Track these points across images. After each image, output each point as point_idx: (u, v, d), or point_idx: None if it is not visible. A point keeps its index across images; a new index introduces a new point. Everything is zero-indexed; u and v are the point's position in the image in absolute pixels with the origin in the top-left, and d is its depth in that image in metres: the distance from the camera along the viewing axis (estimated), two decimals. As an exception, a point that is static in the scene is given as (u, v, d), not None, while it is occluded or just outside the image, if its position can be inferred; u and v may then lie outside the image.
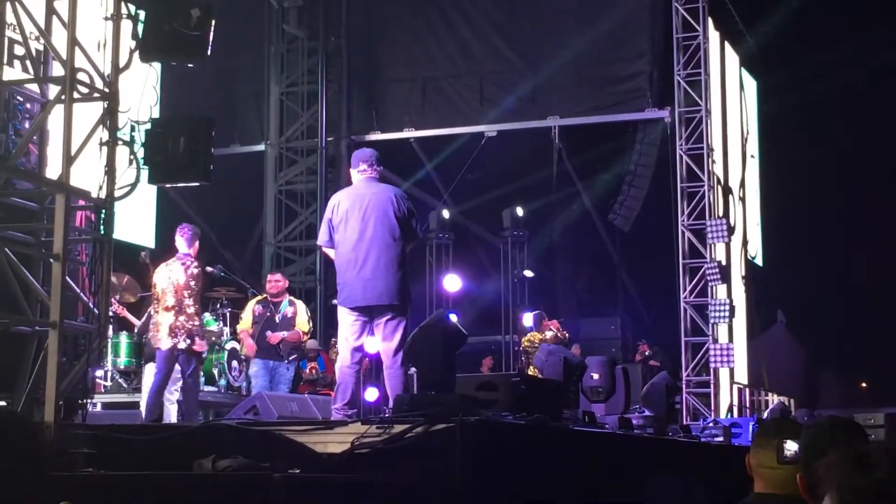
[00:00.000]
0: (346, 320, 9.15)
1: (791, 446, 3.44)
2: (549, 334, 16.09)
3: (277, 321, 13.36)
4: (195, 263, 11.36)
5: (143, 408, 12.50)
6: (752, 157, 22.69)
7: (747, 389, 20.36)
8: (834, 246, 24.46)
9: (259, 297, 13.82)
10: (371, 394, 13.68)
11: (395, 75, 20.70)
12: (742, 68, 21.99)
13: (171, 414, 12.39)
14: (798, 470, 3.18)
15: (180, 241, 11.35)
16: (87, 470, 6.54)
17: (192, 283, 11.20)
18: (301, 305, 13.88)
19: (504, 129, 19.84)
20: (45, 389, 7.34)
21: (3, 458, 1.81)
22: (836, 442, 3.22)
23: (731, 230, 19.03)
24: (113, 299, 13.43)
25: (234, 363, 14.16)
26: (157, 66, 9.43)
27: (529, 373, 15.13)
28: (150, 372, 12.72)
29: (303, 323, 13.60)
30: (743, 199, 21.48)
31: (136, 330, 13.59)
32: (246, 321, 13.58)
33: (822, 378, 25.93)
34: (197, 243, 11.44)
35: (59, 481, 5.43)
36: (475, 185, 20.91)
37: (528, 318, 16.97)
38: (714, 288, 18.55)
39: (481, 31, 20.12)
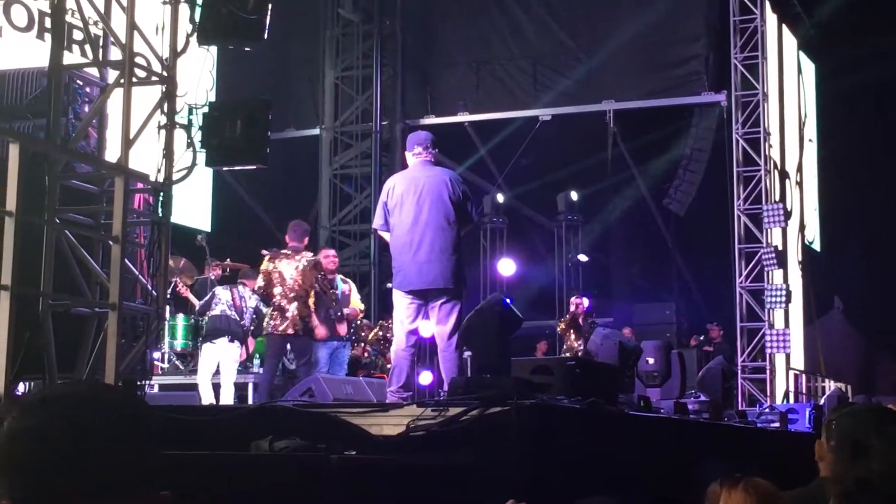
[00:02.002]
0: (402, 304, 9.16)
1: None
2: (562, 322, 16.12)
3: (336, 299, 13.09)
4: (310, 256, 12.23)
5: (202, 389, 12.64)
6: (810, 140, 22.46)
7: (803, 375, 20.19)
8: (892, 231, 24.15)
9: None
10: (425, 377, 13.70)
11: (450, 59, 20.70)
12: (800, 51, 21.75)
13: (228, 398, 12.50)
14: None
15: (293, 236, 12.25)
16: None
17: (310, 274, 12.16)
18: (351, 283, 13.92)
19: (558, 113, 19.78)
20: (105, 370, 7.41)
21: (116, 439, 1.79)
22: (879, 430, 3.18)
23: (787, 215, 18.88)
24: (177, 279, 13.62)
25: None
26: (213, 49, 9.49)
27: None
28: (207, 351, 12.87)
29: (357, 300, 13.64)
30: (800, 184, 21.27)
31: (196, 310, 13.66)
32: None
33: (879, 364, 25.65)
34: (306, 239, 12.36)
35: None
36: (529, 169, 20.87)
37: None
38: (770, 273, 18.42)
39: (536, 15, 20.05)
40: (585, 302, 16.89)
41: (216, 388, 12.71)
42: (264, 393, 12.02)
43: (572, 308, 16.28)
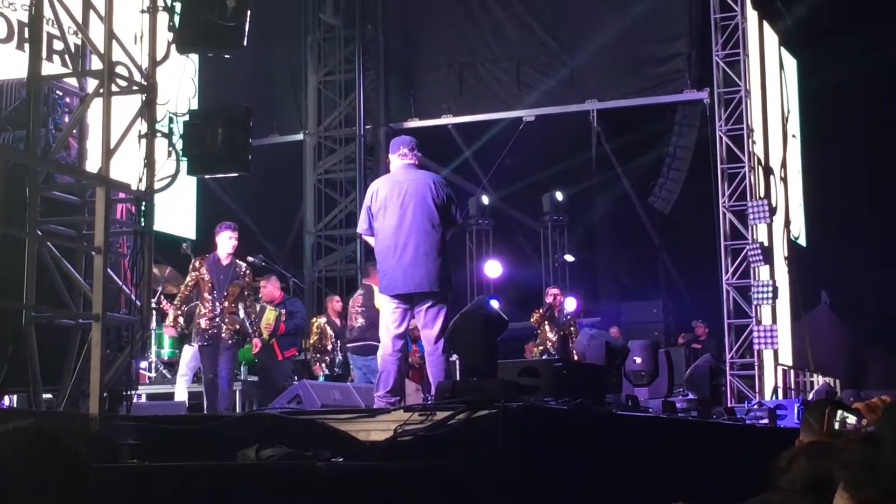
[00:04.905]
0: (388, 308, 9.15)
1: (841, 416, 3.38)
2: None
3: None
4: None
5: (178, 391, 12.65)
6: (794, 136, 22.49)
7: (792, 371, 20.22)
8: (877, 224, 24.21)
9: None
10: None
11: (432, 62, 20.66)
12: (781, 47, 21.78)
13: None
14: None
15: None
16: (132, 461, 6.58)
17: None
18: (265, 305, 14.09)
19: (542, 114, 19.77)
20: (90, 382, 7.38)
21: (32, 481, 1.84)
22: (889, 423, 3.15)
23: (772, 211, 18.91)
24: (161, 296, 13.56)
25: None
26: (194, 57, 9.45)
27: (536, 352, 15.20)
28: (186, 354, 12.88)
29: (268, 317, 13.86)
30: (784, 180, 21.30)
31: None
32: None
33: (868, 358, 25.69)
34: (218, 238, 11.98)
35: (105, 473, 5.46)
36: (514, 170, 20.88)
37: (570, 303, 16.92)
38: (756, 269, 18.44)
39: (517, 16, 20.03)
40: (573, 304, 16.85)
41: (197, 395, 12.67)
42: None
43: (549, 299, 16.18)
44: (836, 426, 3.40)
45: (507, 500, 6.86)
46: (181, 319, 12.38)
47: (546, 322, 15.77)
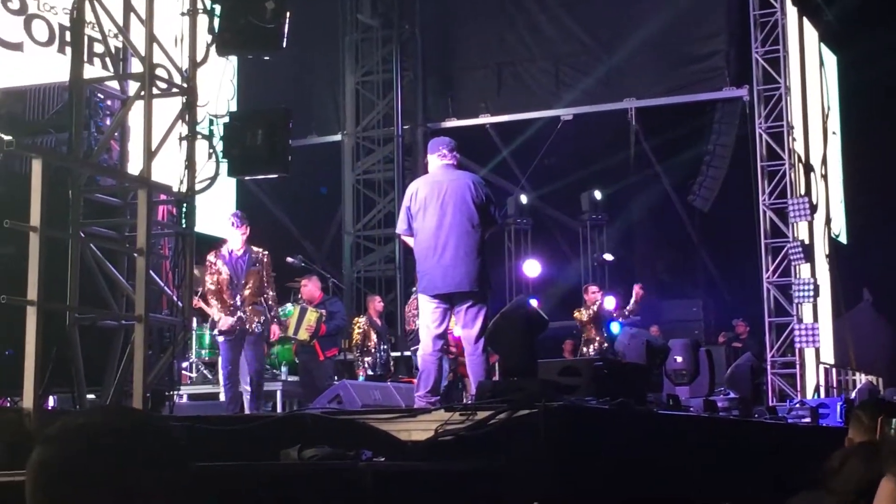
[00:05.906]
0: (427, 308, 9.16)
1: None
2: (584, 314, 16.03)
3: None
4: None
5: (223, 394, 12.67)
6: (834, 133, 22.33)
7: (834, 369, 20.08)
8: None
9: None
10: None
11: (470, 62, 20.68)
12: (821, 44, 21.64)
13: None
14: None
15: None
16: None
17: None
18: (302, 305, 14.09)
19: (580, 113, 19.74)
20: (133, 382, 7.43)
21: (131, 466, 1.85)
22: None
23: (813, 208, 18.77)
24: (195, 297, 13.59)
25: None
26: (233, 59, 9.50)
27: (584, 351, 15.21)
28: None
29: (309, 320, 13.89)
30: (825, 177, 21.16)
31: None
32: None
33: (911, 356, 25.46)
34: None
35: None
36: (552, 169, 20.84)
37: (609, 302, 16.87)
38: (797, 267, 18.32)
39: (555, 15, 20.01)
40: (612, 302, 16.81)
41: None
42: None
43: (595, 298, 16.22)
44: (893, 433, 3.36)
45: (548, 500, 6.85)
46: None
47: (593, 324, 15.83)
